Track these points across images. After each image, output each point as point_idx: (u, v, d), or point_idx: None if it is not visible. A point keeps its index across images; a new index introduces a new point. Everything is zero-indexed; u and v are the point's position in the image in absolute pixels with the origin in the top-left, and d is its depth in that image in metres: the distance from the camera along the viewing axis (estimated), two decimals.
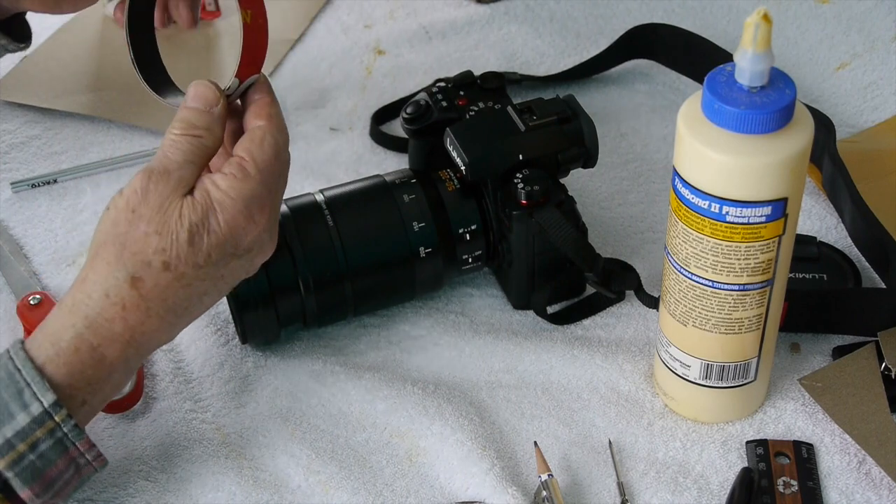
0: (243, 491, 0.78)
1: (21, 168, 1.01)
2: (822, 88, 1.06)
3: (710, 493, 0.77)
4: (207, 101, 0.73)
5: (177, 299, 0.71)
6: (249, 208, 0.71)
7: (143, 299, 0.70)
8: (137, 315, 0.70)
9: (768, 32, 0.65)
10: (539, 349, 0.86)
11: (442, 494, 0.78)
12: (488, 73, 0.92)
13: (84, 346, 0.70)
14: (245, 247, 0.72)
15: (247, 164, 0.71)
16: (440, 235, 0.84)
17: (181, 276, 0.70)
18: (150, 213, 0.70)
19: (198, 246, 0.70)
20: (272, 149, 0.72)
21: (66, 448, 0.70)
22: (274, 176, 0.72)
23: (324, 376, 0.84)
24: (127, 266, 0.70)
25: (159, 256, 0.70)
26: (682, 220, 0.72)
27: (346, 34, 1.14)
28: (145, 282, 0.70)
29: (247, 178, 0.71)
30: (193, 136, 0.72)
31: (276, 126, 0.73)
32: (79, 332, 0.70)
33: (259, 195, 0.71)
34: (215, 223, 0.70)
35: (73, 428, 0.69)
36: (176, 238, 0.70)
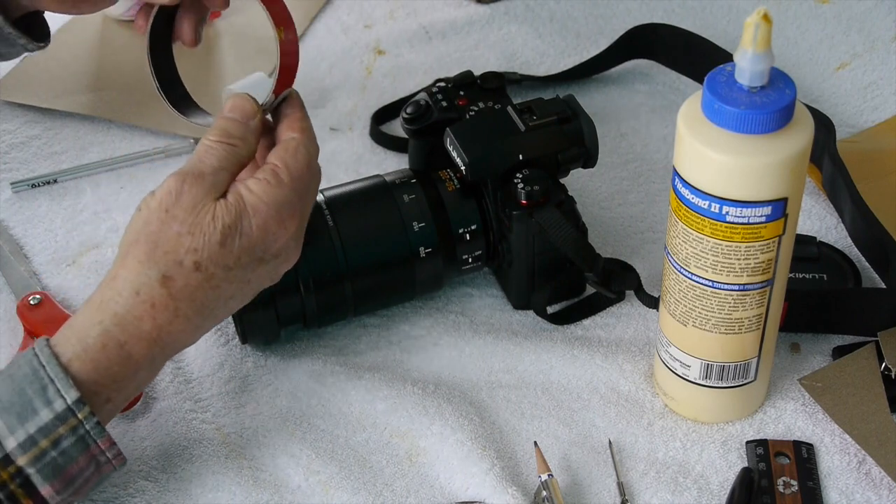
0: (243, 491, 0.78)
1: (21, 168, 1.01)
2: (822, 88, 1.06)
3: (710, 493, 0.77)
4: (245, 113, 0.75)
5: (205, 300, 0.72)
6: (281, 214, 0.72)
7: (172, 299, 0.71)
8: (166, 314, 0.71)
9: (768, 32, 0.65)
10: (539, 349, 0.86)
11: (442, 494, 0.78)
12: (488, 73, 0.92)
13: (111, 343, 0.70)
14: (273, 252, 0.73)
15: (280, 171, 0.73)
16: (440, 235, 0.84)
17: (211, 277, 0.71)
18: (184, 214, 0.71)
19: (229, 248, 0.71)
20: (305, 159, 0.74)
21: (88, 445, 0.70)
22: (305, 185, 0.74)
23: (324, 376, 0.84)
24: (159, 265, 0.70)
25: (191, 256, 0.70)
26: (682, 220, 0.72)
27: (346, 34, 1.14)
28: (176, 281, 0.70)
29: (280, 185, 0.72)
30: (229, 144, 0.73)
31: (308, 138, 0.75)
32: (106, 328, 0.70)
33: (291, 202, 0.73)
34: (248, 226, 0.71)
35: (95, 426, 0.70)
36: (209, 239, 0.71)
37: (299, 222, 0.74)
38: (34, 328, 0.87)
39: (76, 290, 0.91)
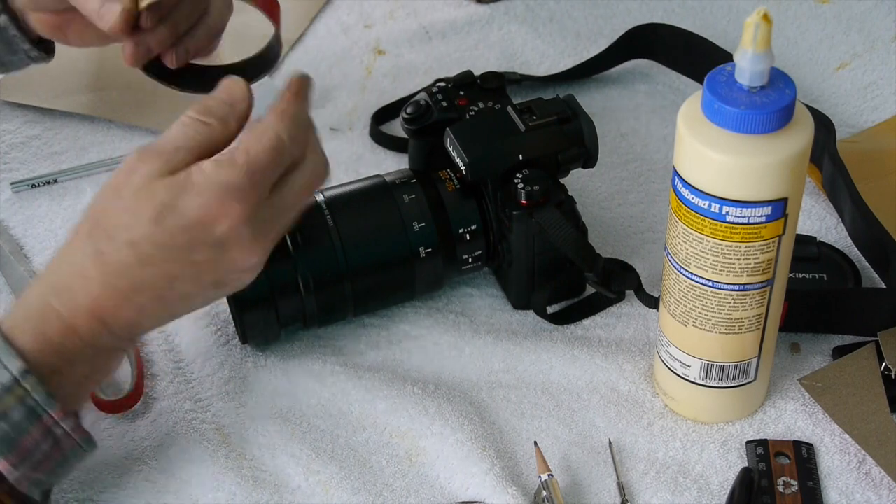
0: (243, 491, 0.78)
1: (21, 168, 1.01)
2: (822, 88, 1.06)
3: (710, 493, 0.77)
4: (232, 95, 0.72)
5: (138, 278, 0.70)
6: (225, 196, 0.68)
7: (104, 273, 0.70)
8: (98, 288, 0.70)
9: (768, 32, 0.65)
10: (539, 349, 0.86)
11: (442, 494, 0.78)
12: (488, 73, 0.92)
13: (52, 314, 0.70)
14: (217, 236, 0.69)
15: (237, 152, 0.69)
16: (440, 235, 0.84)
17: (143, 255, 0.69)
18: (129, 192, 0.69)
19: (162, 225, 0.69)
20: (270, 143, 0.70)
21: (39, 416, 0.69)
22: (264, 171, 0.70)
23: (324, 376, 0.84)
24: (94, 239, 0.70)
25: (125, 232, 0.69)
26: (682, 220, 0.72)
27: (346, 34, 1.13)
28: (108, 256, 0.69)
29: (232, 166, 0.69)
30: (203, 122, 0.71)
31: (285, 123, 0.71)
32: (46, 299, 0.70)
33: (240, 185, 0.69)
34: (184, 204, 0.68)
35: (44, 395, 0.69)
36: (144, 215, 0.69)
37: (247, 210, 0.69)
38: None
39: None
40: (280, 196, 0.72)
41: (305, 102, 0.73)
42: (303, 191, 0.73)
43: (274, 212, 0.71)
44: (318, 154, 0.74)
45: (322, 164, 0.74)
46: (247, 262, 0.72)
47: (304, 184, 0.73)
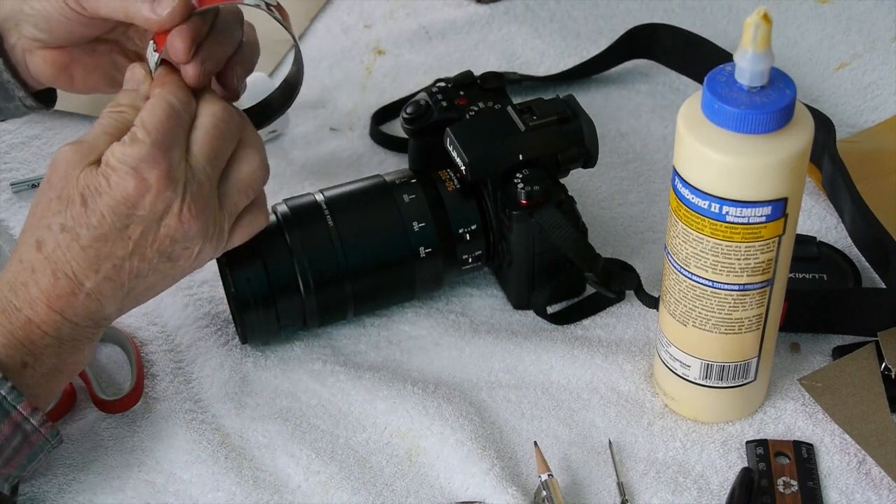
0: (243, 491, 0.78)
1: (21, 168, 1.01)
2: (822, 88, 1.06)
3: (710, 493, 0.77)
4: (135, 80, 0.76)
5: (80, 261, 0.72)
6: (138, 170, 0.71)
7: (47, 261, 0.72)
8: (45, 278, 0.72)
9: (768, 32, 0.65)
10: (539, 349, 0.86)
11: (442, 494, 0.78)
12: (488, 73, 0.92)
13: (10, 308, 0.72)
14: (147, 209, 0.72)
15: (137, 129, 0.72)
16: (440, 235, 0.84)
17: (78, 237, 0.72)
18: (56, 180, 0.72)
19: (91, 208, 0.71)
20: (163, 111, 0.72)
21: (8, 412, 0.70)
22: (166, 135, 0.72)
23: (324, 376, 0.84)
24: (33, 231, 0.73)
25: (58, 218, 0.72)
26: (682, 220, 0.72)
27: (346, 34, 1.13)
28: (47, 244, 0.72)
29: (134, 142, 0.71)
30: (117, 112, 0.75)
31: (171, 90, 0.74)
32: (4, 295, 0.72)
33: (150, 156, 0.71)
34: (105, 184, 0.71)
35: (10, 390, 0.70)
36: (71, 200, 0.72)
37: (163, 174, 0.71)
38: None
39: None
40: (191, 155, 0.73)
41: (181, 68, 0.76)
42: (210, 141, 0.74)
43: (193, 171, 0.73)
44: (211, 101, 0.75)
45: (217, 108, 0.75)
46: (188, 230, 0.73)
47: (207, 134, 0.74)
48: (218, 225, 0.75)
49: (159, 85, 0.74)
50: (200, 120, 0.74)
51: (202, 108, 0.75)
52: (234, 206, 0.76)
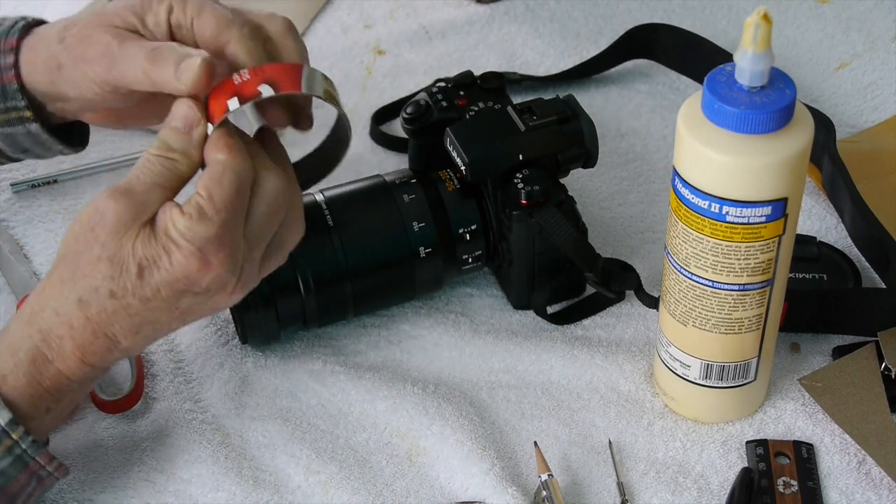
0: (243, 491, 0.78)
1: (21, 168, 1.01)
2: (822, 88, 1.06)
3: (710, 493, 0.77)
4: (188, 122, 0.70)
5: (124, 325, 0.70)
6: (204, 252, 0.68)
7: (89, 322, 0.69)
8: (85, 335, 0.70)
9: (768, 32, 0.65)
10: (539, 349, 0.86)
11: (442, 494, 0.78)
12: (488, 73, 0.92)
13: (40, 359, 0.70)
14: (202, 287, 0.69)
15: (204, 203, 0.68)
16: (440, 235, 0.84)
17: (128, 306, 0.69)
18: (106, 237, 0.68)
19: (147, 280, 0.68)
20: (232, 185, 0.68)
21: (27, 463, 0.70)
22: (234, 214, 0.68)
23: (324, 376, 0.84)
24: (76, 288, 0.69)
25: (107, 284, 0.69)
26: (682, 220, 0.72)
27: (346, 34, 1.13)
28: (91, 306, 0.69)
29: (203, 220, 0.68)
30: (167, 158, 0.70)
31: (237, 159, 0.69)
32: (35, 344, 0.70)
33: (217, 237, 0.68)
34: (166, 262, 0.68)
35: (31, 444, 0.70)
36: (126, 269, 0.68)
37: (229, 254, 0.69)
38: None
39: None
40: (249, 230, 0.70)
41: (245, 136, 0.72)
42: (269, 216, 0.71)
43: (248, 247, 0.71)
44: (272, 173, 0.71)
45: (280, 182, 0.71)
46: (229, 301, 0.72)
47: (269, 209, 0.71)
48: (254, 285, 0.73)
49: (224, 150, 0.69)
50: (263, 195, 0.70)
51: (264, 178, 0.70)
52: (269, 268, 0.74)
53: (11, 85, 0.79)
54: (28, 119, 0.80)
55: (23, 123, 0.80)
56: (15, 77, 0.78)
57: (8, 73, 0.78)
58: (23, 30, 0.79)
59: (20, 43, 0.79)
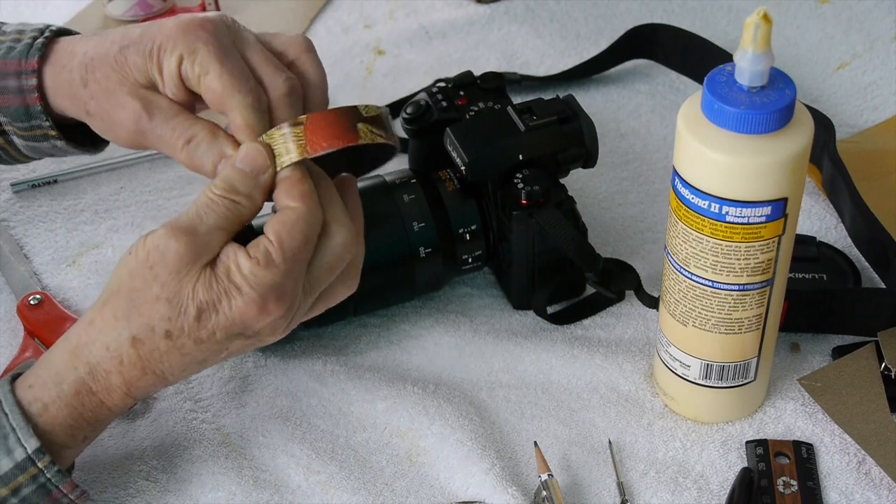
0: (243, 491, 0.78)
1: (21, 168, 1.01)
2: (822, 88, 1.06)
3: (710, 493, 0.77)
4: (256, 167, 0.69)
5: (173, 364, 0.70)
6: (265, 298, 0.68)
7: (140, 359, 0.69)
8: (134, 372, 0.70)
9: (768, 32, 0.65)
10: (539, 349, 0.86)
11: (442, 494, 0.78)
12: (488, 73, 0.92)
13: (84, 391, 0.70)
14: (255, 331, 0.70)
15: (273, 251, 0.67)
16: (440, 235, 0.84)
17: (181, 347, 0.69)
18: (166, 277, 0.67)
19: (204, 323, 0.68)
20: (303, 234, 0.68)
21: (50, 492, 0.70)
22: (300, 264, 0.68)
23: (324, 376, 0.84)
24: (131, 325, 0.69)
25: (164, 325, 0.68)
26: (682, 220, 0.72)
27: (346, 34, 1.14)
28: (145, 345, 0.69)
29: (269, 267, 0.67)
30: (232, 200, 0.69)
31: (310, 207, 0.68)
32: (80, 376, 0.70)
33: (280, 286, 0.68)
34: (226, 307, 0.68)
35: (56, 473, 0.70)
36: (184, 311, 0.68)
37: (286, 304, 0.69)
38: (34, 328, 0.87)
39: (76, 290, 0.91)
40: (309, 278, 0.70)
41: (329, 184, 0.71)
42: (331, 268, 0.71)
43: (304, 293, 0.70)
44: (343, 227, 0.70)
45: (349, 237, 0.70)
46: (273, 340, 0.72)
47: (332, 261, 0.70)
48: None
49: (298, 198, 0.68)
50: (329, 247, 0.70)
51: (334, 231, 0.70)
52: (313, 313, 0.73)
53: (35, 107, 0.79)
54: (53, 136, 0.81)
55: (48, 140, 0.81)
56: (39, 100, 0.79)
57: (32, 95, 0.78)
58: (42, 47, 0.79)
59: (42, 65, 0.78)
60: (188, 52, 0.72)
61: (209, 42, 0.72)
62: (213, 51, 0.72)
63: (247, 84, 0.72)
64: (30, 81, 0.78)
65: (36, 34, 0.80)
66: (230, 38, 0.73)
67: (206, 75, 0.72)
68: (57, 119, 0.80)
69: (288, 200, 0.69)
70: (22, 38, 0.80)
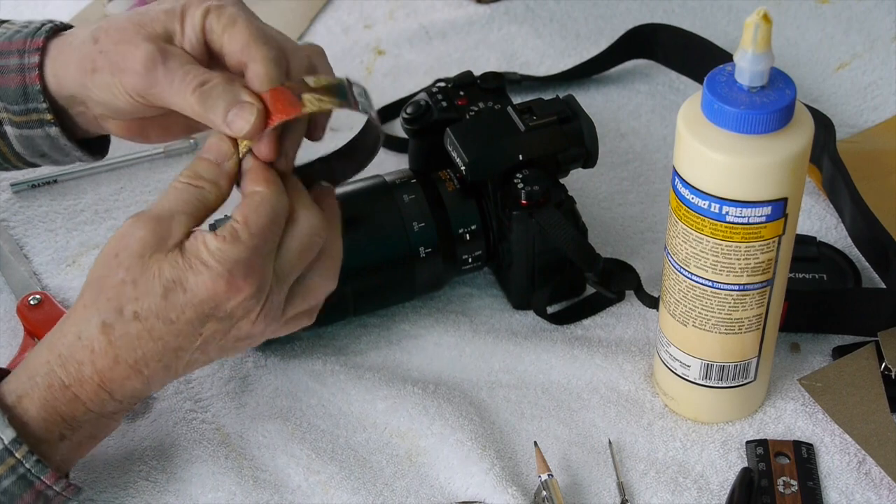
0: (243, 491, 0.78)
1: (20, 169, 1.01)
2: (822, 88, 1.06)
3: (710, 493, 0.77)
4: (219, 154, 0.70)
5: (147, 351, 0.69)
6: (233, 273, 0.67)
7: (111, 346, 0.69)
8: (106, 361, 0.69)
9: (768, 32, 0.65)
10: (539, 349, 0.86)
11: (442, 494, 0.78)
12: (488, 73, 0.92)
13: (57, 384, 0.70)
14: (227, 311, 0.69)
15: (239, 228, 0.68)
16: (440, 235, 0.84)
17: (151, 329, 0.69)
18: (130, 261, 0.68)
19: (171, 301, 0.68)
20: (268, 215, 0.68)
21: (31, 483, 0.70)
22: (266, 242, 0.68)
23: (324, 376, 0.84)
24: (100, 311, 0.69)
25: (131, 306, 0.68)
26: (682, 220, 0.72)
27: (346, 34, 1.14)
28: (115, 329, 0.69)
29: (236, 243, 0.67)
30: (195, 186, 0.70)
31: (274, 191, 0.69)
32: (52, 369, 0.70)
33: (247, 262, 0.68)
34: (193, 282, 0.68)
35: (35, 463, 0.69)
36: (150, 290, 0.68)
37: (255, 282, 0.68)
38: (34, 328, 0.87)
39: (76, 290, 0.91)
40: (279, 263, 0.70)
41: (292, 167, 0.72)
42: (301, 253, 0.71)
43: (276, 279, 0.70)
44: (309, 211, 0.71)
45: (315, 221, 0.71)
46: (254, 331, 0.71)
47: (301, 245, 0.70)
48: (277, 326, 0.73)
49: (262, 183, 0.69)
50: (296, 230, 0.70)
51: (300, 215, 0.70)
52: (294, 311, 0.73)
53: (34, 86, 0.78)
54: (48, 122, 0.79)
55: (42, 126, 0.80)
56: (38, 78, 0.78)
57: (31, 74, 0.78)
58: (50, 31, 0.78)
59: (47, 43, 0.78)
60: (215, 6, 0.73)
61: (235, 3, 0.73)
62: (240, 7, 0.73)
63: (272, 40, 0.72)
64: (32, 59, 0.77)
65: (46, 22, 0.80)
66: None
67: (234, 25, 0.72)
68: (53, 103, 0.79)
69: (253, 185, 0.70)
70: (30, 24, 0.80)
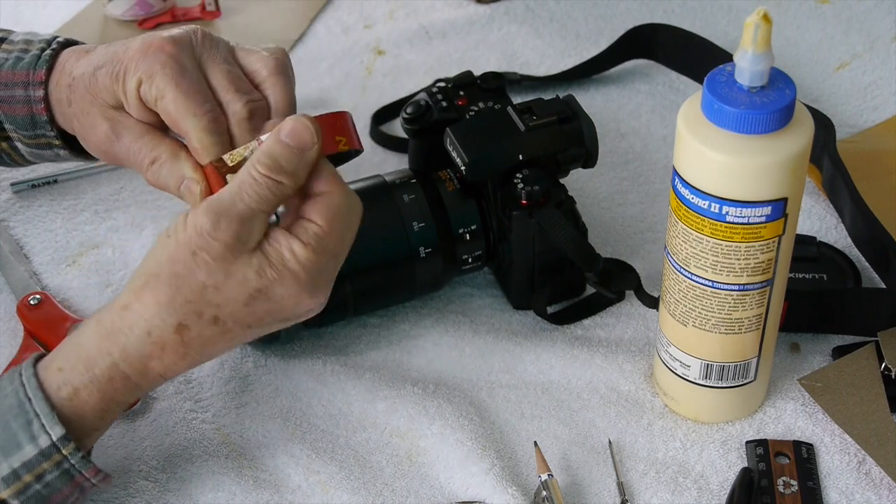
0: (243, 491, 0.78)
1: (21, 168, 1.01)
2: (822, 88, 1.06)
3: (710, 493, 0.77)
4: (302, 143, 0.67)
5: (215, 349, 0.70)
6: (317, 282, 0.68)
7: (183, 345, 0.69)
8: (174, 357, 0.70)
9: (768, 32, 0.65)
10: (539, 349, 0.86)
11: (442, 494, 0.78)
12: (488, 73, 0.92)
13: (118, 376, 0.70)
14: (299, 315, 0.70)
15: (325, 236, 0.67)
16: (440, 235, 0.84)
17: (227, 332, 0.69)
18: (213, 264, 0.67)
19: (252, 308, 0.68)
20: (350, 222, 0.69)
21: (73, 476, 0.70)
22: (345, 248, 0.69)
23: (324, 376, 0.84)
24: (178, 312, 0.68)
25: (212, 311, 0.68)
26: (681, 220, 0.72)
27: (346, 34, 1.14)
28: (191, 331, 0.69)
29: (324, 252, 0.67)
30: (276, 181, 0.67)
31: (348, 193, 0.69)
32: (115, 361, 0.70)
33: (328, 269, 0.68)
34: (280, 293, 0.68)
35: (80, 459, 0.70)
36: (233, 297, 0.67)
37: (331, 288, 0.70)
38: (34, 328, 0.87)
39: (76, 290, 0.91)
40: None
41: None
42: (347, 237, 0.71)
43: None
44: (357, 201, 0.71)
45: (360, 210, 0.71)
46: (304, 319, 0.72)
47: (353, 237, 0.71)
48: None
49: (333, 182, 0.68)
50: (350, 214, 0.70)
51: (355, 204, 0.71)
52: None
53: (41, 117, 0.80)
54: (57, 146, 0.82)
55: (52, 149, 0.83)
56: (45, 110, 0.80)
57: (38, 106, 0.80)
58: (50, 58, 0.80)
59: (48, 77, 0.79)
60: (146, 74, 0.72)
61: (167, 64, 0.72)
62: (169, 73, 0.72)
63: (202, 107, 0.72)
64: (37, 93, 0.79)
65: (43, 45, 0.81)
66: (194, 57, 0.73)
67: (162, 98, 0.72)
68: (60, 129, 0.81)
69: (326, 185, 0.68)
70: (30, 48, 0.81)
